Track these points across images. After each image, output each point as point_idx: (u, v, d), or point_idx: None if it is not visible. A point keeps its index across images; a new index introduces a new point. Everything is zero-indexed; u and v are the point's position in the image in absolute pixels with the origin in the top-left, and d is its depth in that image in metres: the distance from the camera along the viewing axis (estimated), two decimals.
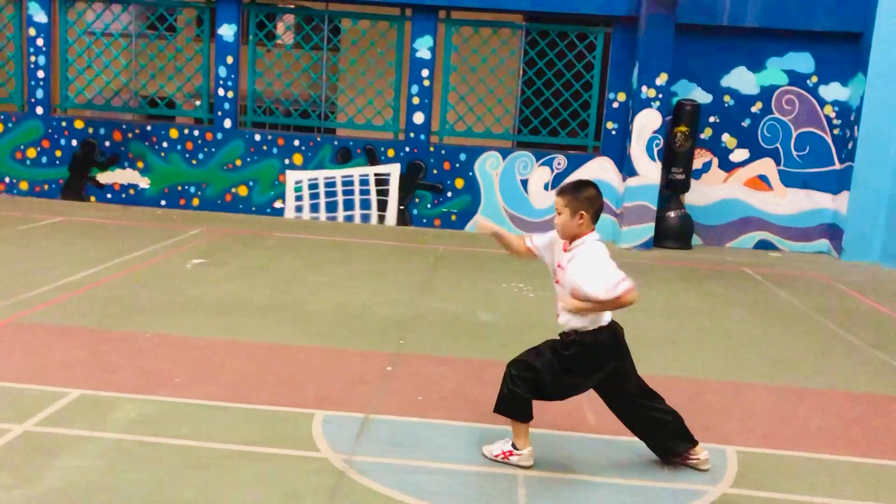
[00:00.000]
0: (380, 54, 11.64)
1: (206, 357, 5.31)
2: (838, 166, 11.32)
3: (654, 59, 10.69)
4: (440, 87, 11.43)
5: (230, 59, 11.36)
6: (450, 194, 11.39)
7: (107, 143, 11.56)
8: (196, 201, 11.54)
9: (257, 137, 11.44)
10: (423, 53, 11.25)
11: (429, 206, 11.45)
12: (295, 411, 4.50)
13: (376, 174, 11.42)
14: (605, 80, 11.43)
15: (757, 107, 11.32)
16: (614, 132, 11.30)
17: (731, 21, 10.95)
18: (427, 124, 11.36)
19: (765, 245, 11.50)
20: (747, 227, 11.51)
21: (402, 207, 11.46)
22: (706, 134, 11.38)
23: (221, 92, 11.43)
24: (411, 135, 11.39)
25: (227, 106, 11.45)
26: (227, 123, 11.46)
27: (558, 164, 11.31)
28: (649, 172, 10.84)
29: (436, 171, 11.38)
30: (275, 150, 11.43)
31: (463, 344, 6.04)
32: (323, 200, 11.50)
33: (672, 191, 11.10)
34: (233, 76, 11.39)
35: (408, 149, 11.38)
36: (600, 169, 11.24)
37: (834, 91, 11.25)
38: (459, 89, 11.57)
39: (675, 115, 10.93)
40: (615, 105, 11.29)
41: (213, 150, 11.47)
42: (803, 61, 11.21)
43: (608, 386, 3.96)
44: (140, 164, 11.55)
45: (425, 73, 11.27)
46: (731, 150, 11.43)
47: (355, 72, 11.98)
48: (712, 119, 11.36)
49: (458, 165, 11.36)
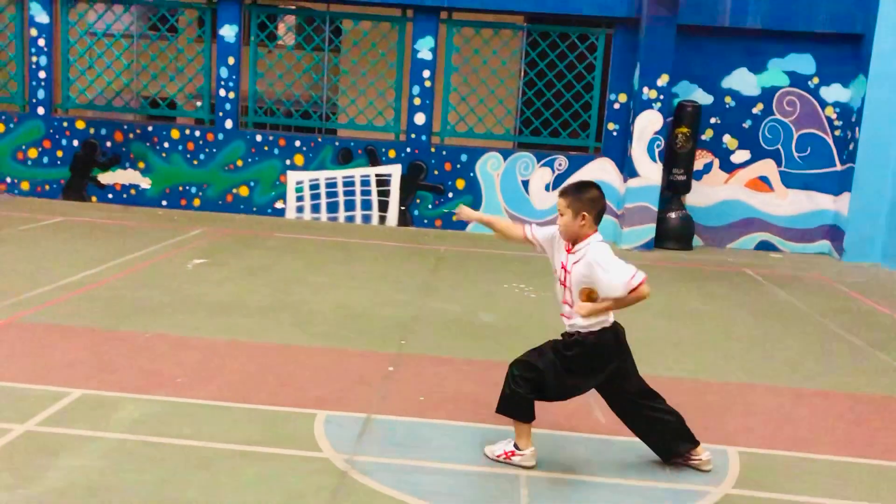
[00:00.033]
0: (381, 55, 11.64)
1: (207, 357, 5.31)
2: (839, 167, 11.32)
3: (656, 61, 10.69)
4: (441, 87, 11.43)
5: (231, 60, 11.36)
6: (451, 195, 11.39)
7: (108, 144, 11.56)
8: (197, 202, 11.54)
9: (258, 138, 11.45)
10: (425, 54, 11.25)
11: (430, 206, 11.45)
12: (296, 411, 4.50)
13: (377, 175, 11.43)
14: (606, 81, 11.43)
15: (758, 108, 11.32)
16: (615, 133, 11.30)
17: (733, 22, 10.95)
18: (428, 125, 11.36)
19: (766, 246, 11.50)
20: (748, 229, 11.51)
21: (403, 208, 11.46)
22: (707, 135, 11.38)
23: (223, 93, 11.43)
24: (412, 135, 11.39)
25: (228, 107, 11.45)
26: (229, 124, 11.47)
27: (559, 165, 11.31)
28: (650, 173, 10.84)
29: (437, 172, 11.38)
30: (276, 151, 11.43)
31: (464, 344, 6.04)
32: (324, 201, 11.50)
33: (673, 192, 11.10)
34: (234, 77, 11.40)
35: (409, 149, 11.38)
36: (601, 170, 11.24)
37: (835, 92, 11.25)
38: (461, 90, 11.57)
39: (677, 116, 10.93)
40: (616, 106, 11.29)
41: (215, 150, 11.47)
42: (804, 62, 11.21)
43: (610, 386, 3.96)
44: (141, 165, 11.55)
45: (426, 73, 11.27)
46: (732, 152, 11.43)
47: (356, 72, 11.99)
48: (713, 120, 11.36)
49: (459, 166, 11.36)
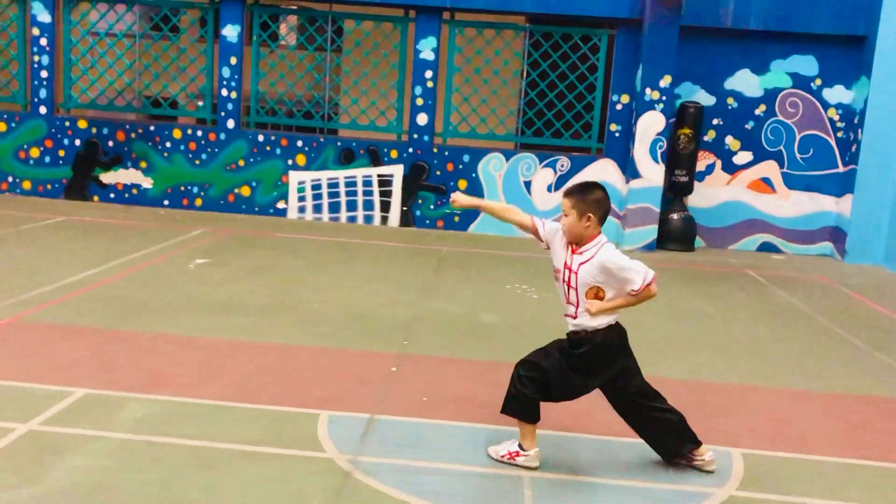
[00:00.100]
0: (383, 55, 11.64)
1: (209, 357, 5.31)
2: (842, 169, 11.31)
3: (658, 62, 10.68)
4: (443, 88, 11.43)
5: (234, 60, 11.36)
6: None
7: (110, 143, 11.56)
8: (199, 201, 11.54)
9: (260, 138, 11.44)
10: (427, 55, 11.25)
11: (432, 207, 11.44)
12: (300, 412, 4.49)
13: (379, 175, 11.42)
14: (608, 82, 11.42)
15: (760, 109, 11.32)
16: (618, 134, 11.30)
17: (735, 23, 10.95)
18: (430, 125, 11.36)
19: (768, 247, 11.49)
20: (750, 230, 11.50)
21: (405, 208, 11.46)
22: (709, 136, 11.37)
23: (225, 92, 11.43)
24: (414, 136, 11.38)
25: (230, 106, 11.45)
26: (231, 124, 11.46)
27: (561, 165, 11.30)
28: (652, 174, 10.83)
29: (439, 173, 11.38)
30: (278, 151, 11.43)
31: (467, 345, 6.04)
32: (326, 201, 11.49)
33: (675, 193, 11.09)
34: (236, 77, 11.39)
35: (411, 150, 11.37)
36: (603, 171, 11.23)
37: (838, 94, 11.25)
38: (463, 90, 11.57)
39: (679, 117, 10.92)
40: (619, 107, 11.28)
41: (217, 150, 11.47)
42: (807, 64, 11.21)
43: (614, 385, 3.96)
44: (143, 165, 11.55)
45: (429, 74, 11.27)
46: (734, 153, 11.42)
47: (359, 73, 11.99)
48: (716, 121, 11.35)
49: (461, 167, 11.36)
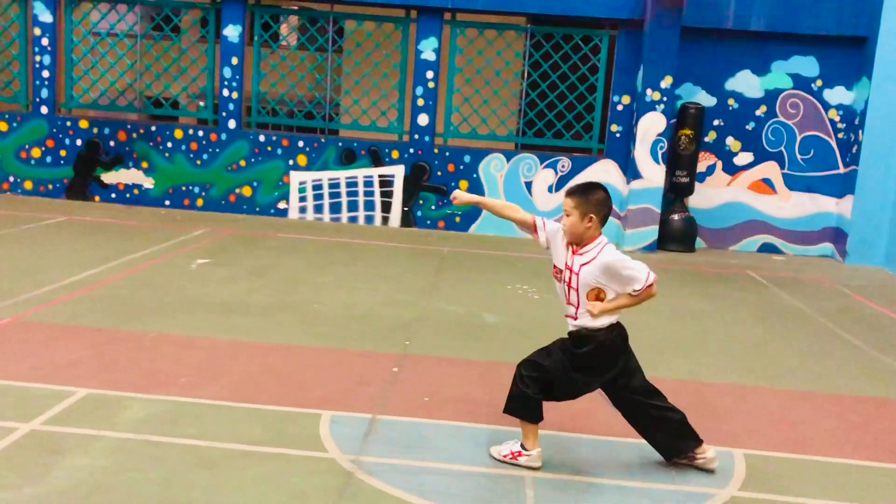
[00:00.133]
0: (385, 56, 11.64)
1: (210, 357, 5.31)
2: (842, 170, 11.31)
3: (659, 62, 10.68)
4: (445, 88, 11.43)
5: (235, 60, 11.36)
6: None
7: (111, 143, 11.56)
8: (200, 202, 11.54)
9: (261, 138, 11.45)
10: (428, 55, 11.25)
11: (433, 207, 11.44)
12: (301, 412, 4.49)
13: (380, 175, 11.42)
14: (609, 83, 11.43)
15: (761, 110, 11.32)
16: (618, 135, 11.30)
17: (736, 24, 10.95)
18: (431, 126, 11.36)
19: (769, 248, 11.49)
20: (751, 231, 11.50)
21: (406, 209, 11.46)
22: (710, 137, 11.38)
23: (226, 93, 11.43)
24: (415, 136, 11.38)
25: (231, 107, 11.45)
26: (232, 124, 11.47)
27: (562, 166, 11.30)
28: (653, 175, 10.83)
29: (440, 173, 11.38)
30: (279, 151, 11.43)
31: (468, 345, 6.04)
32: (327, 201, 11.49)
33: (676, 194, 11.10)
34: (237, 77, 11.40)
35: (412, 150, 11.37)
36: (604, 171, 11.23)
37: (838, 95, 11.25)
38: (464, 91, 11.57)
39: (680, 118, 10.93)
40: (619, 108, 11.29)
41: (218, 150, 11.47)
42: (808, 65, 11.21)
43: (615, 385, 3.96)
44: (144, 165, 11.55)
45: (430, 74, 11.27)
46: (735, 154, 11.42)
47: (360, 73, 11.99)
48: (716, 122, 11.35)
49: (462, 167, 11.36)
